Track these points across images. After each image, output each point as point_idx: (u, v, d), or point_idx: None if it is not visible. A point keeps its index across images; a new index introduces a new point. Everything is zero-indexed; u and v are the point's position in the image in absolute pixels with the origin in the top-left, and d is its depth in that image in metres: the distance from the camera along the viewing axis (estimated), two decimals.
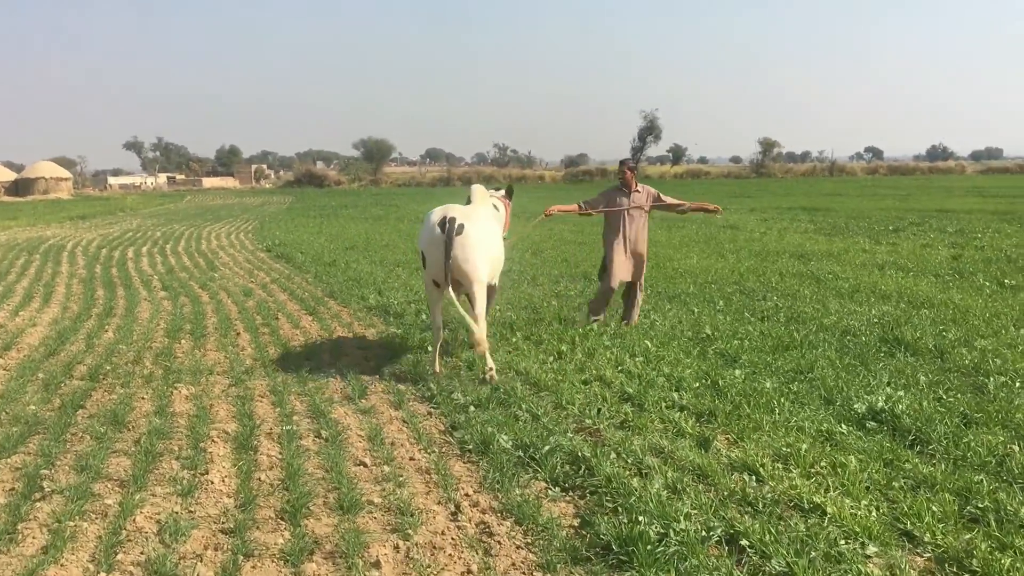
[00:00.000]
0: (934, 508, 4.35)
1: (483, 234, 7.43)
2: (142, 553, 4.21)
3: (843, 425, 5.76)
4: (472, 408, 6.44)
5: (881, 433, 5.61)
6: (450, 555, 4.21)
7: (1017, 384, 6.60)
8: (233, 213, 40.12)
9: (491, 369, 7.25)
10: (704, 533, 4.19)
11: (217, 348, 9.02)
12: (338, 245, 20.26)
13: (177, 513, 4.68)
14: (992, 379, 6.70)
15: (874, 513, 4.37)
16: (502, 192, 9.18)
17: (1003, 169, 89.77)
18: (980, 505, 4.40)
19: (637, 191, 9.40)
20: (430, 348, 7.92)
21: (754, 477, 4.89)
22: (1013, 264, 14.01)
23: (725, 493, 4.70)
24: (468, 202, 8.14)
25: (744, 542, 4.08)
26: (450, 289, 7.18)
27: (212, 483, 5.13)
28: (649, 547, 4.00)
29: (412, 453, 5.65)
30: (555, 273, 14.09)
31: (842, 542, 4.03)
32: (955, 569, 3.85)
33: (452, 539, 4.38)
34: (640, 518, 4.32)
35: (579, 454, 5.28)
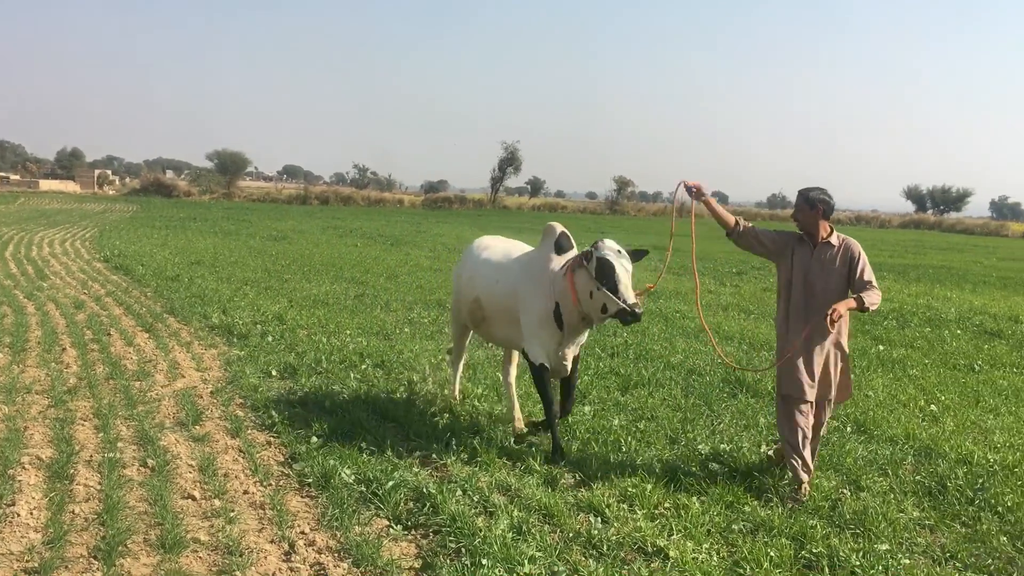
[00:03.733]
0: (772, 553, 4.43)
1: None
2: None
3: (687, 466, 5.83)
4: (314, 438, 6.15)
5: (723, 475, 5.70)
6: None
7: (848, 429, 6.89)
8: (71, 219, 37.73)
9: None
10: None
11: (38, 364, 8.31)
12: (183, 259, 19.32)
13: None
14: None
15: (715, 557, 4.41)
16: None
17: (835, 220, 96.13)
18: (815, 551, 4.51)
19: (829, 242, 5.71)
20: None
21: (599, 518, 4.86)
22: None
23: (570, 534, 4.64)
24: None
25: None
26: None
27: (18, 515, 4.67)
28: None
29: (247, 486, 5.32)
30: (409, 299, 13.85)
31: None
32: None
33: None
34: (484, 561, 4.20)
35: (424, 490, 5.11)
